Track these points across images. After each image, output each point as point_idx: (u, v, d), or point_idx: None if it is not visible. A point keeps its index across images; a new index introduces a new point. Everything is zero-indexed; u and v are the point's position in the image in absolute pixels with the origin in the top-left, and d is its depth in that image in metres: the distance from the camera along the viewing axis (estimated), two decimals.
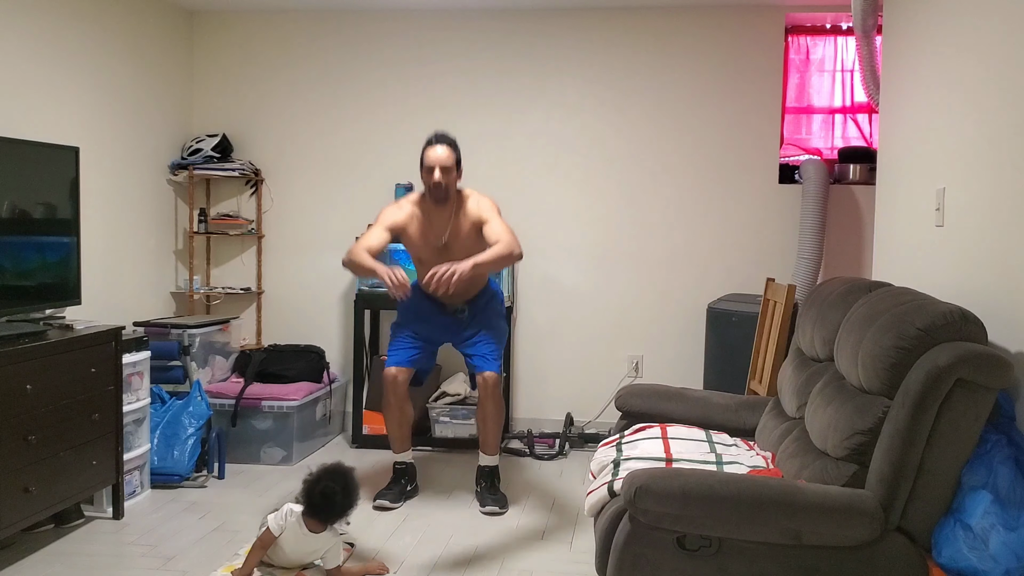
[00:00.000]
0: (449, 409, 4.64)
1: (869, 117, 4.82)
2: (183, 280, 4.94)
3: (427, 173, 3.61)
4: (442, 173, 3.58)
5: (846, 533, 2.08)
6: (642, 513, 2.12)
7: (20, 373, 2.97)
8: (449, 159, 3.59)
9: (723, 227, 4.76)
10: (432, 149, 3.61)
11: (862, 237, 4.63)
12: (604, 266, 4.86)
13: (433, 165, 3.58)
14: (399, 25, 4.90)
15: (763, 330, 3.97)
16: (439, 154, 3.59)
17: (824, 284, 3.01)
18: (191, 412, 4.03)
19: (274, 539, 2.91)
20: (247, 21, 5.00)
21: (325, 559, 2.96)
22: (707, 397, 3.25)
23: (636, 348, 4.87)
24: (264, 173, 5.02)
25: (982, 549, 1.99)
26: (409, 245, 3.73)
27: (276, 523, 2.91)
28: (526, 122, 4.85)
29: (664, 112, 4.77)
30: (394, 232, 3.65)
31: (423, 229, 3.67)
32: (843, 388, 2.43)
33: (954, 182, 2.77)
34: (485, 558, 3.21)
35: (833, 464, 2.30)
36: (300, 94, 4.99)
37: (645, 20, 4.76)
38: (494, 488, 3.79)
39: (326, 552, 2.96)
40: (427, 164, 3.60)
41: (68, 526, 3.42)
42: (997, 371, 2.04)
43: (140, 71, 4.54)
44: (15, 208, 3.31)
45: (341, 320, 5.03)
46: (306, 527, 2.91)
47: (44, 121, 3.83)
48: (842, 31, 4.83)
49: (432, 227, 3.66)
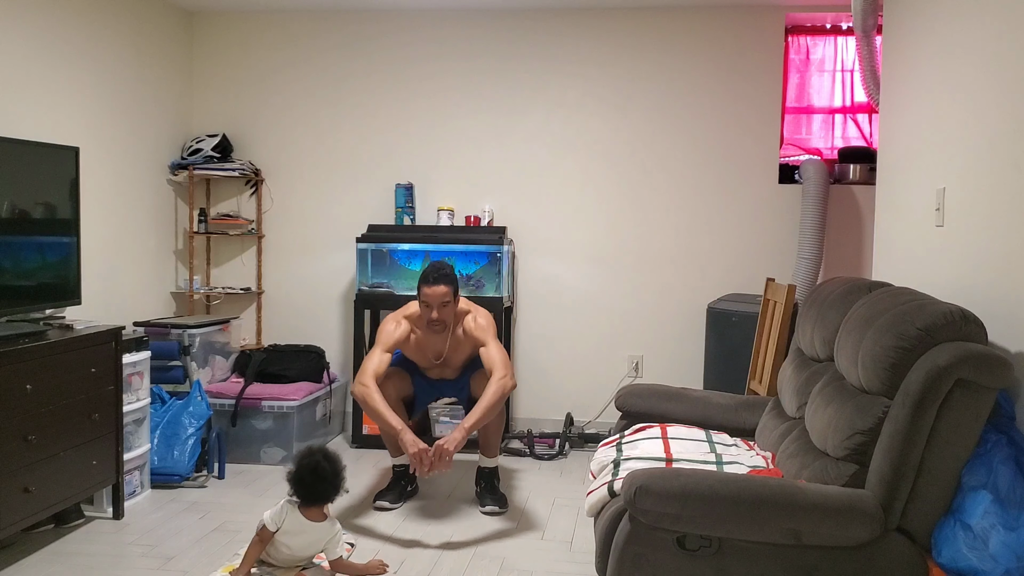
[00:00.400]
0: (449, 409, 4.62)
1: (869, 117, 4.82)
2: (183, 280, 4.94)
3: (425, 308, 3.61)
4: (439, 310, 3.59)
5: (846, 533, 2.08)
6: (642, 513, 2.12)
7: (20, 373, 2.97)
8: (447, 295, 3.59)
9: (723, 227, 4.76)
10: (429, 287, 3.58)
11: (862, 237, 4.63)
12: (604, 266, 4.86)
13: (431, 304, 3.58)
14: (399, 25, 4.90)
15: (763, 330, 3.97)
16: (437, 292, 3.57)
17: (824, 284, 3.01)
18: (191, 412, 4.03)
19: (271, 534, 2.90)
20: (247, 21, 5.00)
21: (327, 550, 2.96)
22: (707, 397, 3.25)
23: (636, 348, 4.87)
24: (264, 173, 5.02)
25: (982, 549, 1.99)
26: (407, 353, 3.81)
27: (272, 518, 2.90)
28: (526, 122, 4.86)
29: (664, 112, 4.77)
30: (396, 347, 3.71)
31: (421, 345, 3.75)
32: (843, 388, 2.43)
33: (954, 182, 2.77)
34: (485, 558, 3.21)
35: (833, 464, 2.30)
36: (300, 94, 4.99)
37: (645, 20, 4.76)
38: (494, 488, 3.79)
39: (328, 542, 2.95)
40: (424, 301, 3.59)
41: (68, 526, 3.42)
42: (997, 371, 2.04)
43: (140, 71, 4.54)
44: (15, 208, 3.31)
45: (341, 320, 5.03)
46: (305, 517, 2.91)
47: (44, 121, 3.83)
48: (842, 31, 4.83)
49: (430, 344, 3.74)
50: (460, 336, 3.72)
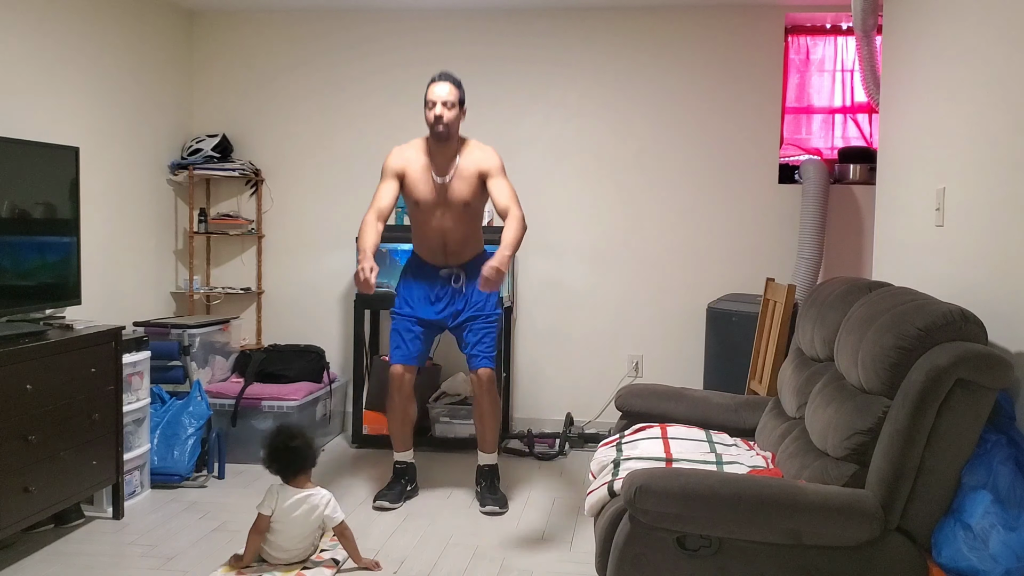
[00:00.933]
0: (449, 409, 4.63)
1: (869, 117, 4.82)
2: (183, 280, 4.94)
3: (428, 108, 3.61)
4: (443, 107, 3.58)
5: (846, 533, 2.08)
6: (642, 513, 2.12)
7: (20, 373, 2.97)
8: (452, 94, 3.60)
9: (723, 227, 4.76)
10: (435, 85, 3.62)
11: (862, 237, 4.63)
12: (604, 266, 4.86)
13: (435, 100, 3.58)
14: (399, 25, 4.90)
15: (763, 330, 3.97)
16: (441, 89, 3.59)
17: (824, 284, 3.01)
18: (191, 412, 4.03)
19: (267, 519, 2.96)
20: (247, 21, 5.00)
21: (327, 518, 3.00)
22: (707, 397, 3.25)
23: (636, 348, 4.87)
24: (264, 173, 5.02)
25: (982, 549, 1.99)
26: (409, 187, 3.70)
27: (264, 503, 2.98)
28: (526, 122, 4.86)
29: (664, 112, 4.77)
30: (399, 177, 3.68)
31: (424, 168, 3.67)
32: (843, 388, 2.43)
33: (954, 182, 2.77)
34: (485, 558, 3.21)
35: (833, 464, 2.30)
36: (300, 94, 4.99)
37: (645, 20, 4.76)
38: (494, 488, 3.79)
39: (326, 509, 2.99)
40: (429, 99, 3.61)
41: (68, 526, 3.42)
42: (997, 371, 2.04)
43: (140, 71, 4.54)
44: (15, 208, 3.31)
45: (341, 320, 5.03)
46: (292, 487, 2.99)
47: (44, 121, 3.83)
48: (842, 31, 4.83)
49: (434, 165, 3.67)
50: (465, 164, 3.66)
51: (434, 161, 3.67)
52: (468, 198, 3.67)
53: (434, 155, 3.68)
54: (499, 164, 3.68)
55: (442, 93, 3.59)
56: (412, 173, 3.68)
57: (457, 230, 3.71)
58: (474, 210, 3.74)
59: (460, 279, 3.75)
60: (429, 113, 3.61)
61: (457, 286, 3.75)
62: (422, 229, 3.76)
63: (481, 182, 3.66)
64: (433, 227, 3.72)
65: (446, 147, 3.66)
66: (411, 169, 3.68)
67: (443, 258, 3.75)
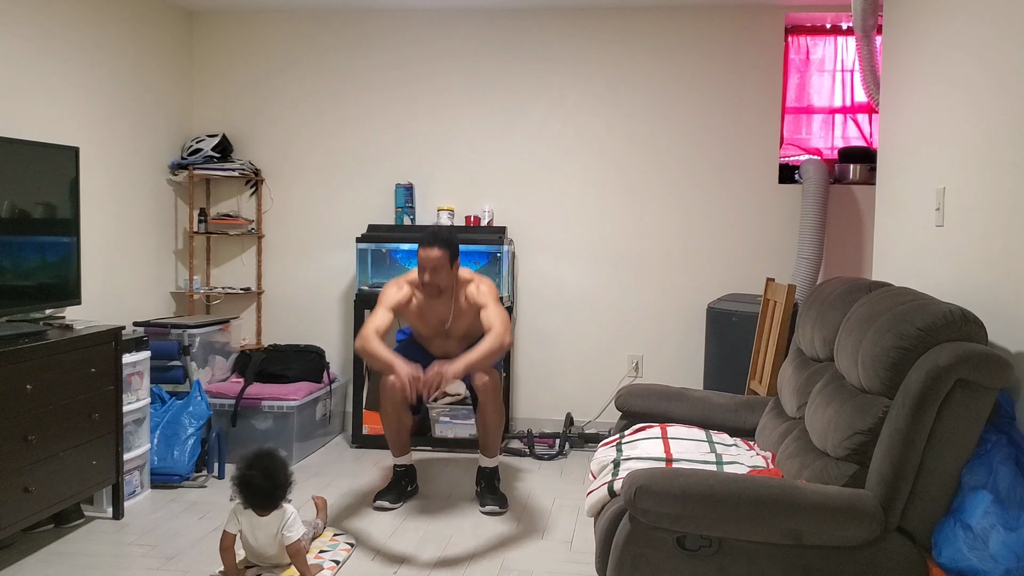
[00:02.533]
0: (449, 409, 4.64)
1: (869, 117, 4.82)
2: (183, 280, 4.94)
3: (420, 272, 3.66)
4: (432, 274, 3.62)
5: (846, 533, 2.08)
6: (642, 513, 2.12)
7: (20, 373, 2.97)
8: (441, 259, 3.61)
9: (723, 227, 4.77)
10: (424, 250, 3.63)
11: (862, 237, 4.63)
12: (604, 266, 4.86)
13: (425, 267, 3.63)
14: (399, 25, 4.90)
15: (763, 330, 3.97)
16: (430, 255, 3.61)
17: (824, 284, 3.01)
18: (191, 412, 4.03)
19: (232, 537, 2.95)
20: (247, 21, 5.00)
21: (283, 536, 2.96)
22: (707, 397, 3.25)
23: (636, 348, 4.87)
24: (264, 173, 5.02)
25: (982, 549, 1.99)
26: (409, 321, 3.83)
27: (229, 524, 2.96)
28: (526, 122, 4.86)
29: (664, 112, 4.77)
30: (396, 310, 3.72)
31: (423, 311, 3.76)
32: (843, 388, 2.43)
33: (954, 182, 2.77)
34: (485, 558, 3.21)
35: (833, 464, 2.30)
36: (300, 94, 4.99)
37: (645, 20, 4.76)
38: (494, 488, 3.79)
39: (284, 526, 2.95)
40: (420, 264, 3.66)
41: (68, 526, 3.42)
42: (997, 371, 2.04)
43: (140, 71, 4.54)
44: (15, 208, 3.31)
45: (341, 320, 5.03)
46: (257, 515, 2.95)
47: (44, 121, 3.83)
48: (842, 31, 4.83)
49: (433, 310, 3.76)
50: (463, 304, 3.72)
51: (432, 305, 3.75)
52: (468, 330, 3.80)
53: (431, 299, 3.73)
54: (492, 293, 3.72)
55: (431, 259, 3.61)
56: (411, 312, 3.77)
57: (459, 349, 3.79)
58: (474, 335, 3.79)
59: None
60: (421, 276, 3.65)
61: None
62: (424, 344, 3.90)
63: (477, 313, 3.71)
64: (435, 346, 3.87)
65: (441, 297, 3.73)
66: (410, 309, 3.77)
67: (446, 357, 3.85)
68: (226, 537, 2.95)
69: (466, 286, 3.74)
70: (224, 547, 2.94)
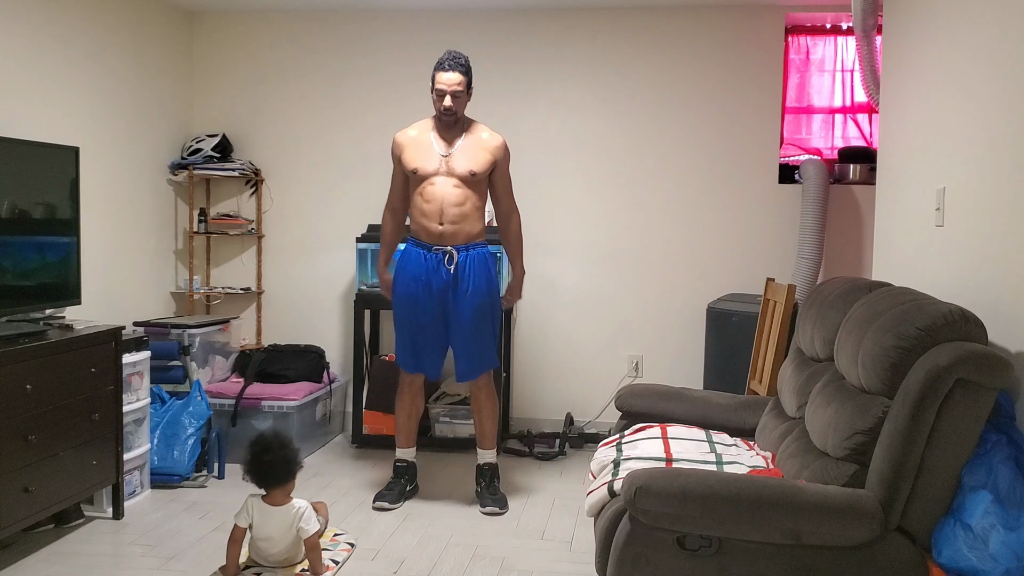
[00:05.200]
0: (449, 409, 4.64)
1: (869, 117, 4.82)
2: (183, 280, 4.94)
3: (437, 97, 3.61)
4: (452, 98, 3.58)
5: (846, 533, 2.08)
6: (642, 513, 2.12)
7: (20, 373, 2.97)
8: (460, 83, 3.60)
9: (723, 227, 4.76)
10: (443, 72, 3.59)
11: (862, 237, 4.63)
12: (604, 266, 4.86)
13: (444, 89, 3.58)
14: (399, 25, 4.90)
15: (763, 330, 3.97)
16: (451, 78, 3.58)
17: (824, 284, 3.01)
18: (191, 412, 4.03)
19: (243, 531, 2.97)
20: (247, 21, 5.00)
21: (302, 529, 2.98)
22: (707, 397, 3.25)
23: (636, 348, 4.87)
24: (264, 173, 5.02)
25: (982, 549, 1.99)
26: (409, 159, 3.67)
27: (239, 514, 2.98)
28: (526, 122, 4.85)
29: (664, 112, 4.77)
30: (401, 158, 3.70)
31: (428, 140, 3.67)
32: (843, 388, 2.43)
33: (954, 182, 2.77)
34: (485, 558, 3.21)
35: (833, 464, 2.30)
36: (300, 94, 4.99)
37: (645, 20, 4.76)
38: (494, 488, 3.79)
39: (300, 519, 2.97)
40: (437, 87, 3.61)
41: (68, 526, 3.42)
42: (997, 371, 2.04)
43: (140, 71, 4.54)
44: (15, 208, 3.31)
45: (341, 320, 5.03)
46: (269, 504, 2.97)
47: (44, 121, 3.83)
48: (842, 31, 4.83)
49: (439, 137, 3.68)
50: (472, 138, 3.68)
51: (439, 134, 3.69)
52: (474, 168, 3.65)
53: (439, 129, 3.70)
54: (507, 157, 3.78)
55: (451, 81, 3.59)
56: (413, 146, 3.68)
57: (457, 202, 3.65)
58: (478, 185, 3.69)
59: (454, 260, 3.65)
60: (438, 102, 3.62)
61: (449, 267, 3.65)
62: (419, 200, 3.67)
63: (489, 161, 3.67)
64: (432, 194, 3.64)
65: (454, 126, 3.69)
66: (412, 143, 3.69)
67: (439, 233, 3.65)
68: (236, 530, 2.97)
69: (476, 126, 3.73)
70: (233, 539, 2.96)
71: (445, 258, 3.65)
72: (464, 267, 3.66)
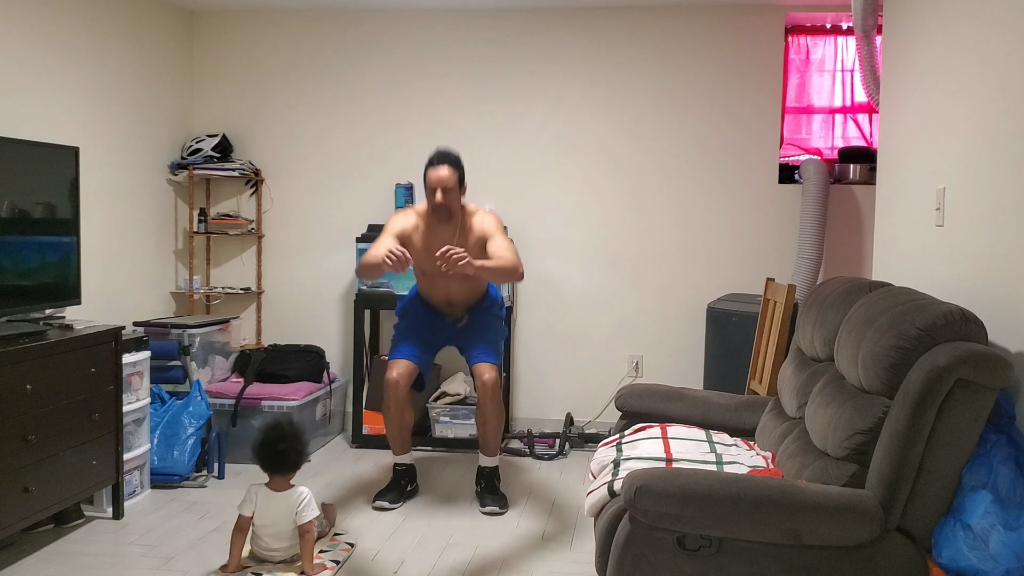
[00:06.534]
0: (449, 409, 4.64)
1: (869, 117, 4.82)
2: (183, 280, 4.94)
3: (430, 193, 3.62)
4: (444, 194, 3.59)
5: (846, 533, 2.08)
6: (642, 513, 2.12)
7: (20, 373, 2.97)
8: (451, 179, 3.60)
9: (723, 227, 4.76)
10: (434, 169, 3.61)
11: (862, 237, 4.63)
12: (604, 266, 4.86)
13: (435, 186, 3.59)
14: (399, 25, 4.90)
15: (763, 330, 3.97)
16: (441, 175, 3.59)
17: (824, 284, 3.01)
18: (191, 412, 4.03)
19: (247, 519, 3.00)
20: (247, 21, 5.00)
21: (298, 514, 3.00)
22: (707, 397, 3.25)
23: (636, 348, 4.87)
24: (264, 173, 5.02)
25: (982, 549, 1.99)
26: (413, 255, 3.70)
27: (242, 504, 3.02)
28: (526, 122, 4.85)
29: (664, 112, 4.77)
30: (401, 239, 3.65)
31: (427, 241, 3.68)
32: (843, 388, 2.43)
33: (954, 182, 2.77)
34: (485, 558, 3.21)
35: (833, 464, 2.30)
36: (300, 94, 4.99)
37: (645, 20, 4.76)
38: (494, 488, 3.79)
39: (299, 506, 3.00)
40: (429, 185, 3.62)
41: (68, 526, 3.42)
42: (997, 371, 2.04)
43: (140, 71, 4.54)
44: (15, 208, 3.31)
45: (341, 320, 5.03)
46: (272, 490, 3.01)
47: (44, 121, 3.83)
48: (842, 31, 4.83)
49: (437, 240, 3.67)
50: (468, 233, 3.69)
51: (436, 234, 3.68)
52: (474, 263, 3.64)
53: (436, 228, 3.69)
54: (498, 226, 3.71)
55: (442, 178, 3.59)
56: (415, 242, 3.69)
57: (462, 291, 3.78)
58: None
59: (464, 320, 3.84)
60: (431, 198, 3.62)
61: (462, 326, 3.84)
62: (427, 288, 3.83)
63: (483, 248, 3.66)
64: (439, 287, 3.79)
65: (449, 223, 3.69)
66: (414, 239, 3.69)
67: (448, 309, 3.84)
68: (241, 520, 3.00)
69: (472, 216, 3.72)
70: (238, 528, 3.00)
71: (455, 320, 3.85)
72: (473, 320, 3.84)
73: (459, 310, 3.82)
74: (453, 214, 3.65)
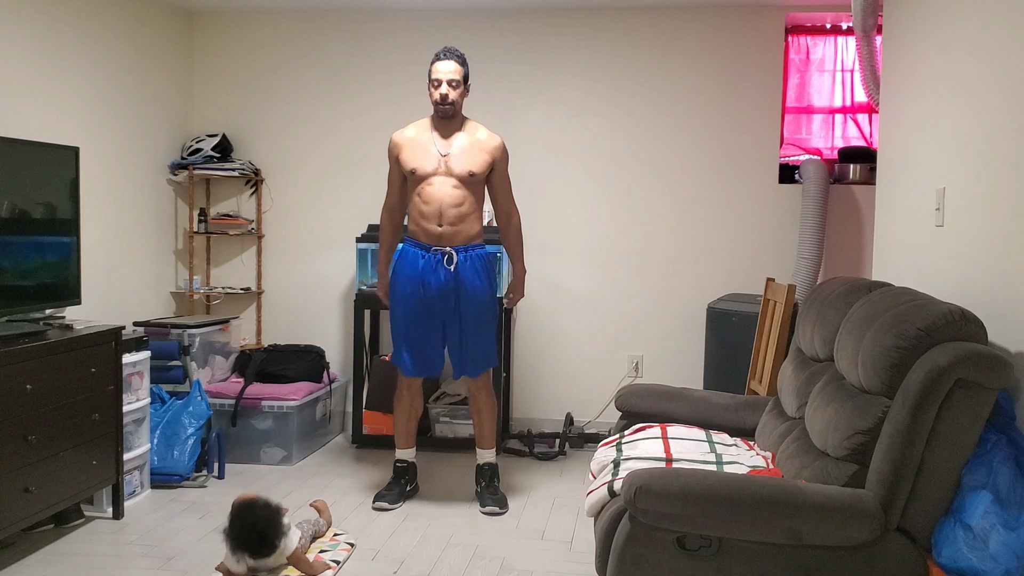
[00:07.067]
0: (449, 409, 4.63)
1: (869, 117, 4.82)
2: (183, 280, 4.94)
3: (433, 87, 3.62)
4: (449, 87, 3.59)
5: (846, 533, 2.08)
6: (642, 513, 2.12)
7: (20, 373, 2.97)
8: (457, 72, 3.61)
9: (723, 227, 4.76)
10: (439, 62, 3.62)
11: (862, 237, 4.63)
12: (604, 266, 4.86)
13: (440, 79, 3.59)
14: (399, 25, 4.90)
15: (763, 330, 3.97)
16: (447, 67, 3.60)
17: (824, 284, 3.01)
18: (191, 412, 4.03)
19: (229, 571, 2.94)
20: (247, 21, 5.00)
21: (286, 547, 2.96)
22: (707, 397, 3.25)
23: (636, 348, 4.87)
24: (264, 173, 5.02)
25: (982, 549, 1.99)
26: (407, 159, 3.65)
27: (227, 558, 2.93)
28: (526, 122, 4.85)
29: (664, 112, 4.77)
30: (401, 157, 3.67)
31: (425, 140, 3.66)
32: (843, 388, 2.43)
33: (954, 182, 2.77)
34: (485, 558, 3.21)
35: (833, 464, 2.30)
36: (300, 94, 4.99)
37: (645, 20, 4.76)
38: (494, 488, 3.79)
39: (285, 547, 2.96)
40: (434, 77, 3.62)
41: (68, 526, 3.42)
42: (997, 371, 2.04)
43: (140, 71, 4.54)
44: (15, 208, 3.31)
45: (341, 320, 5.03)
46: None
47: (44, 121, 3.83)
48: (842, 31, 4.83)
49: (437, 136, 3.67)
50: (468, 135, 3.68)
51: (438, 133, 3.68)
52: (473, 168, 3.65)
53: (437, 128, 3.69)
54: (506, 157, 3.78)
55: (447, 71, 3.60)
56: (411, 146, 3.66)
57: (456, 203, 3.63)
58: (476, 185, 3.69)
59: (454, 262, 3.64)
60: (434, 92, 3.62)
61: (449, 268, 3.63)
62: (418, 201, 3.65)
63: (487, 162, 3.67)
64: (431, 195, 3.62)
65: (450, 122, 3.68)
66: (410, 143, 3.67)
67: (437, 234, 3.64)
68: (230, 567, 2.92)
69: (470, 122, 3.73)
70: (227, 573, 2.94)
71: (444, 259, 3.64)
72: (463, 268, 3.66)
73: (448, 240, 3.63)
74: (457, 111, 3.65)
